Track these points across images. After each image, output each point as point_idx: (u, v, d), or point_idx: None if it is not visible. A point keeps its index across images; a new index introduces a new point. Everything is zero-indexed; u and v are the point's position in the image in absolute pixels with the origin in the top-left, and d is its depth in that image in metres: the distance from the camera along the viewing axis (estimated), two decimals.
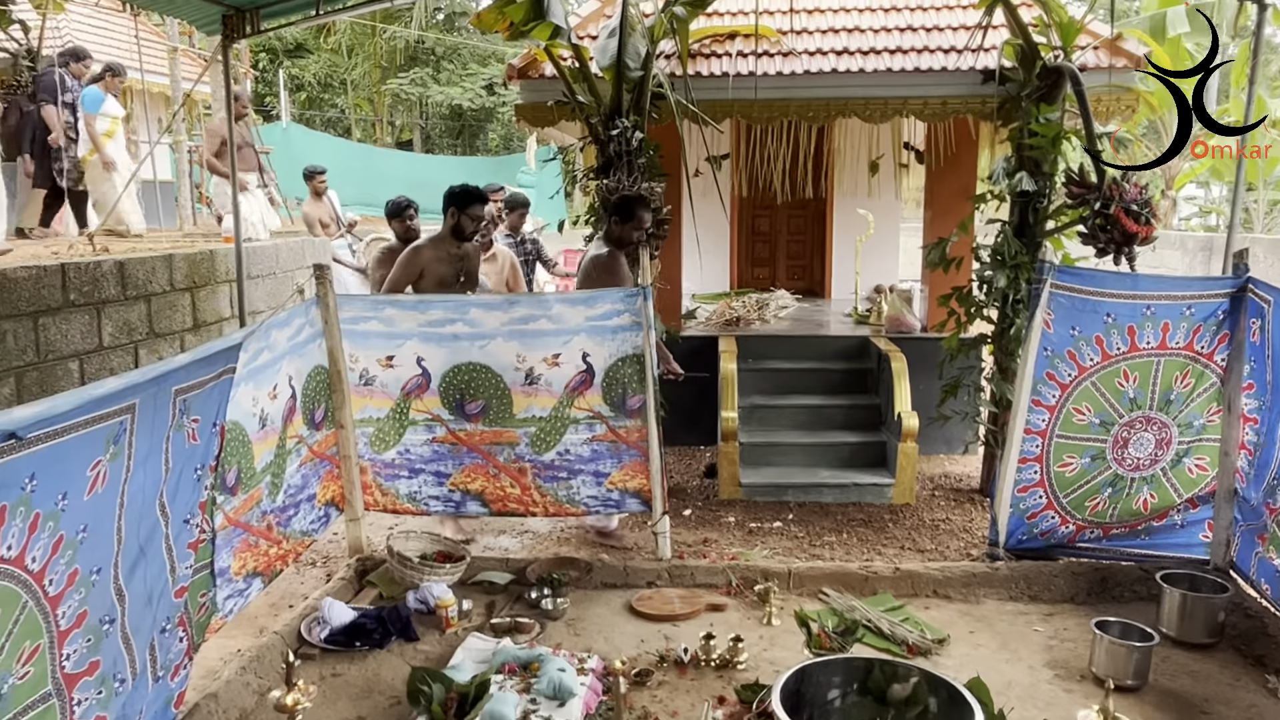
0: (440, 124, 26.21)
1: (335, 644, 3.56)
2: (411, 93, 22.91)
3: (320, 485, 4.25)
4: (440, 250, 4.85)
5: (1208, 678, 3.39)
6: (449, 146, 26.46)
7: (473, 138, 26.68)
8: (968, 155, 6.36)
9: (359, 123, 25.15)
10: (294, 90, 23.58)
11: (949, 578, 4.11)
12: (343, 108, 24.87)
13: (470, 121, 25.89)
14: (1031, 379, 4.16)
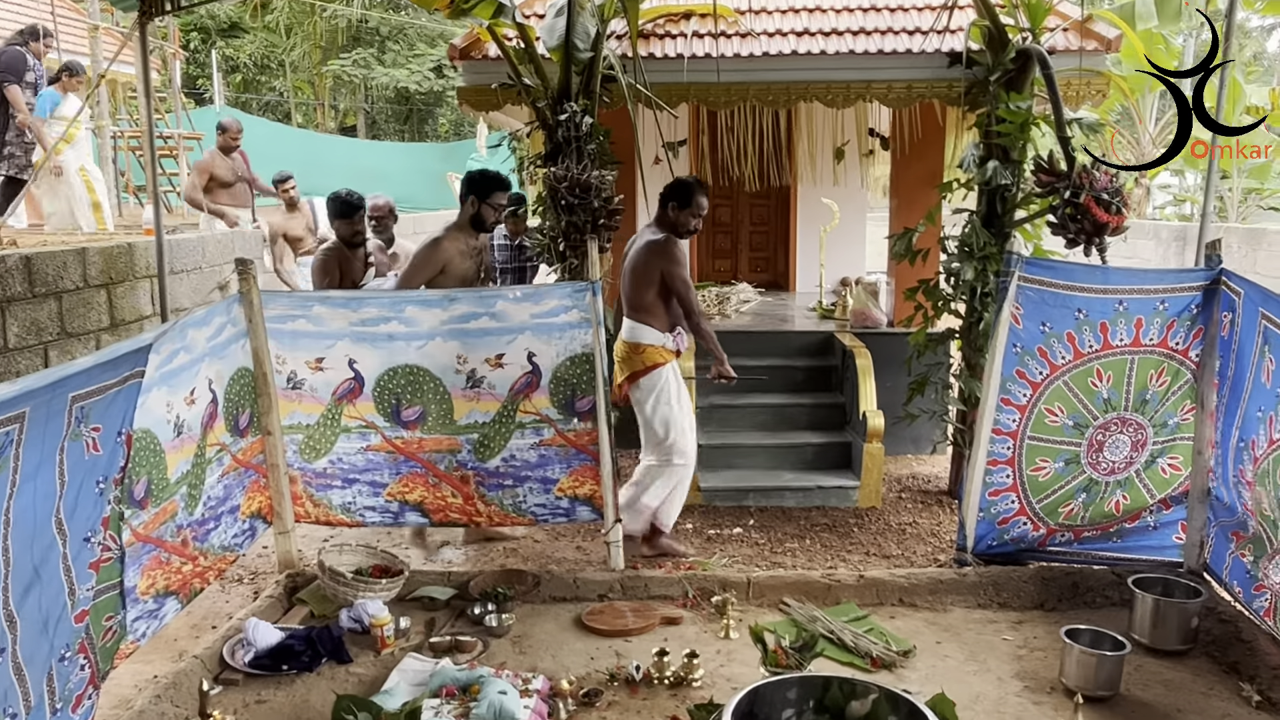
0: (386, 108, 25.89)
1: (260, 668, 3.46)
2: (354, 75, 22.59)
3: (245, 496, 4.14)
4: (460, 243, 4.66)
5: (1180, 686, 3.41)
6: (396, 132, 26.15)
7: (421, 122, 26.40)
8: (934, 142, 6.38)
9: (299, 107, 24.77)
10: (228, 72, 23.15)
11: (915, 585, 4.10)
12: (281, 91, 24.47)
13: (419, 105, 25.61)
14: (1000, 376, 4.16)
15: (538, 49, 5.16)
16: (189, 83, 21.38)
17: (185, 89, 17.64)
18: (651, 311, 4.60)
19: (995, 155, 5.07)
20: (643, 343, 4.60)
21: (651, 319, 4.60)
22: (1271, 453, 3.45)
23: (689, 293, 4.60)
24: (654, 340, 4.59)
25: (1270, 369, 3.51)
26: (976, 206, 5.29)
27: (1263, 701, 3.27)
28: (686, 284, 4.59)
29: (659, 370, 4.59)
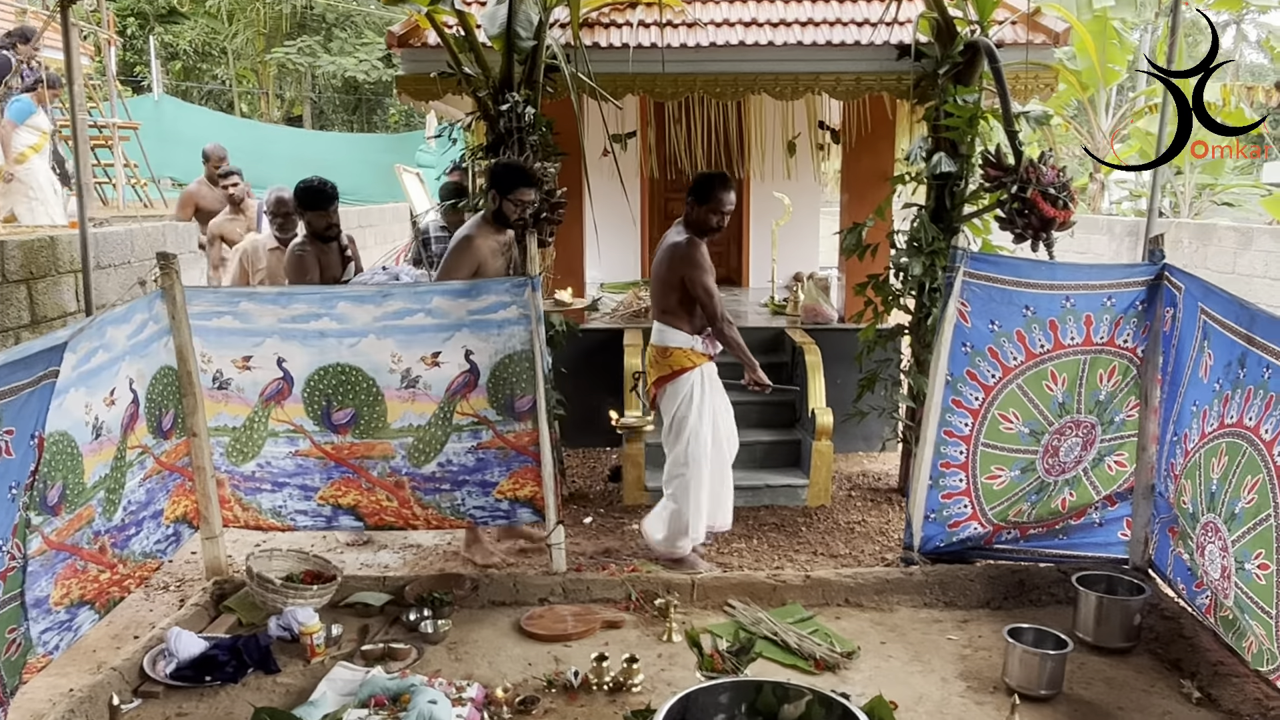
0: (334, 97, 25.57)
1: (182, 679, 3.38)
2: (300, 63, 22.26)
3: (169, 500, 4.05)
4: (490, 239, 4.48)
5: (1123, 684, 3.45)
6: (344, 122, 25.84)
7: (370, 113, 26.11)
8: (884, 135, 6.42)
9: (243, 95, 24.37)
10: (167, 59, 22.71)
11: (861, 585, 4.12)
12: (224, 79, 24.05)
13: (368, 95, 25.32)
14: (946, 374, 4.18)
15: (478, 37, 5.11)
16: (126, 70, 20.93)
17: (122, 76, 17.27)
18: (677, 314, 4.57)
19: (943, 149, 5.10)
20: (670, 345, 4.59)
21: (679, 321, 4.57)
22: (1203, 446, 3.51)
23: (711, 299, 4.51)
24: (681, 343, 4.58)
25: (1208, 363, 3.57)
26: (925, 201, 5.33)
27: (1203, 698, 3.33)
28: (708, 290, 4.51)
29: (685, 375, 4.58)
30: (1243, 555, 3.19)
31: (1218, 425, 3.44)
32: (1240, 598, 3.23)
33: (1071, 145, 17.51)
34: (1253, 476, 3.14)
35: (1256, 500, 3.12)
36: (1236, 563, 3.23)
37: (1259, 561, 3.09)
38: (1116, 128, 15.15)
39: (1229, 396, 3.37)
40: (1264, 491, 3.08)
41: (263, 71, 23.66)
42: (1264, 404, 3.14)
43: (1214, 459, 3.41)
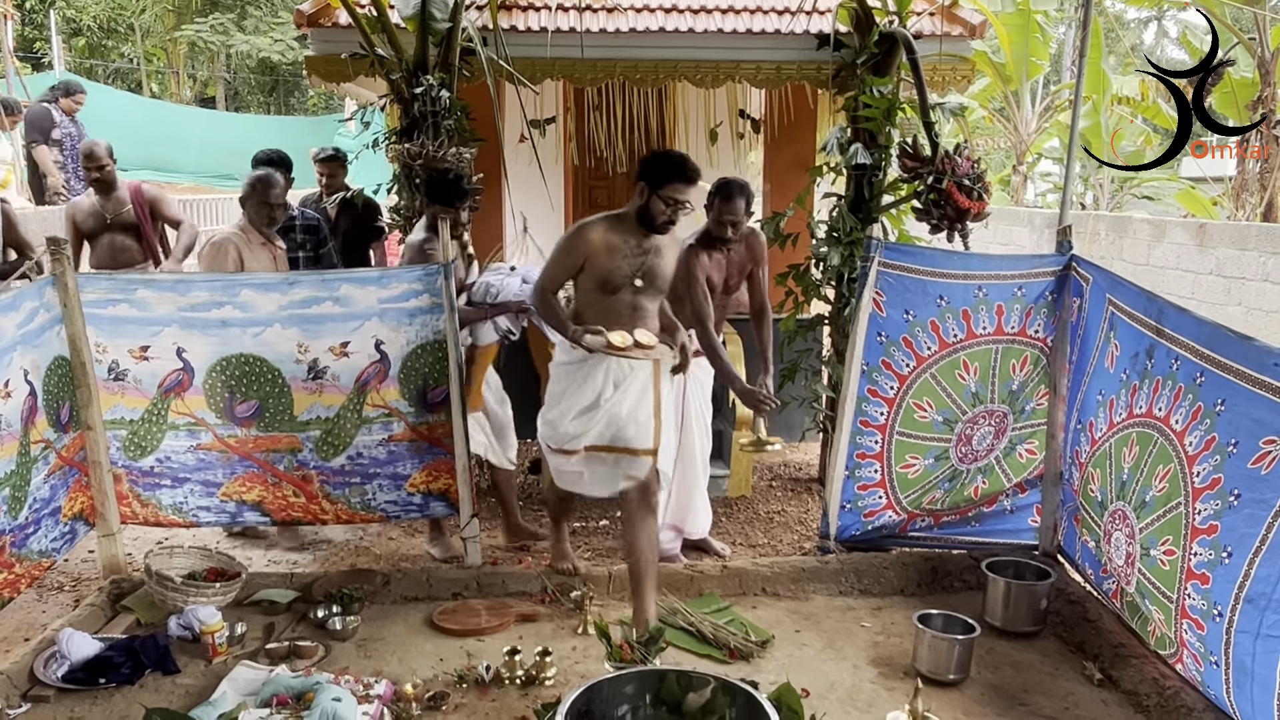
0: (249, 78, 24.96)
1: (75, 682, 3.30)
2: (212, 41, 21.67)
3: (68, 496, 3.95)
4: (617, 237, 3.70)
5: (1029, 667, 3.58)
6: (260, 104, 25.25)
7: (288, 94, 25.56)
8: (806, 126, 6.50)
9: (153, 75, 23.66)
10: (70, 35, 21.94)
11: (778, 574, 4.20)
12: (131, 57, 23.32)
13: (285, 76, 24.77)
14: (862, 363, 4.27)
15: (392, 18, 5.04)
16: (25, 46, 20.15)
17: (20, 53, 16.63)
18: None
19: (861, 139, 5.19)
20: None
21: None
22: (1113, 435, 3.64)
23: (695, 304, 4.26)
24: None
25: (1114, 354, 3.70)
26: (845, 191, 5.41)
27: (1104, 679, 3.47)
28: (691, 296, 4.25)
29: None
30: (1149, 542, 3.32)
31: (1126, 415, 3.57)
32: (1143, 583, 3.36)
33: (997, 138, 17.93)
34: (1164, 466, 3.25)
35: (1167, 489, 3.22)
36: (1143, 549, 3.36)
37: (1165, 548, 3.22)
38: (1041, 121, 15.55)
39: (1137, 387, 3.50)
40: (1175, 480, 3.19)
41: (173, 50, 22.99)
42: (1173, 395, 3.26)
43: (1125, 448, 3.54)
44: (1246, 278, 8.59)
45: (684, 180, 3.69)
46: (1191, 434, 3.14)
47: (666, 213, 3.67)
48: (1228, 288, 8.79)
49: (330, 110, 22.69)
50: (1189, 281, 9.25)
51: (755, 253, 4.49)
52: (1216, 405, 3.03)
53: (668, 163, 3.73)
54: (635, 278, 3.73)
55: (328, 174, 6.04)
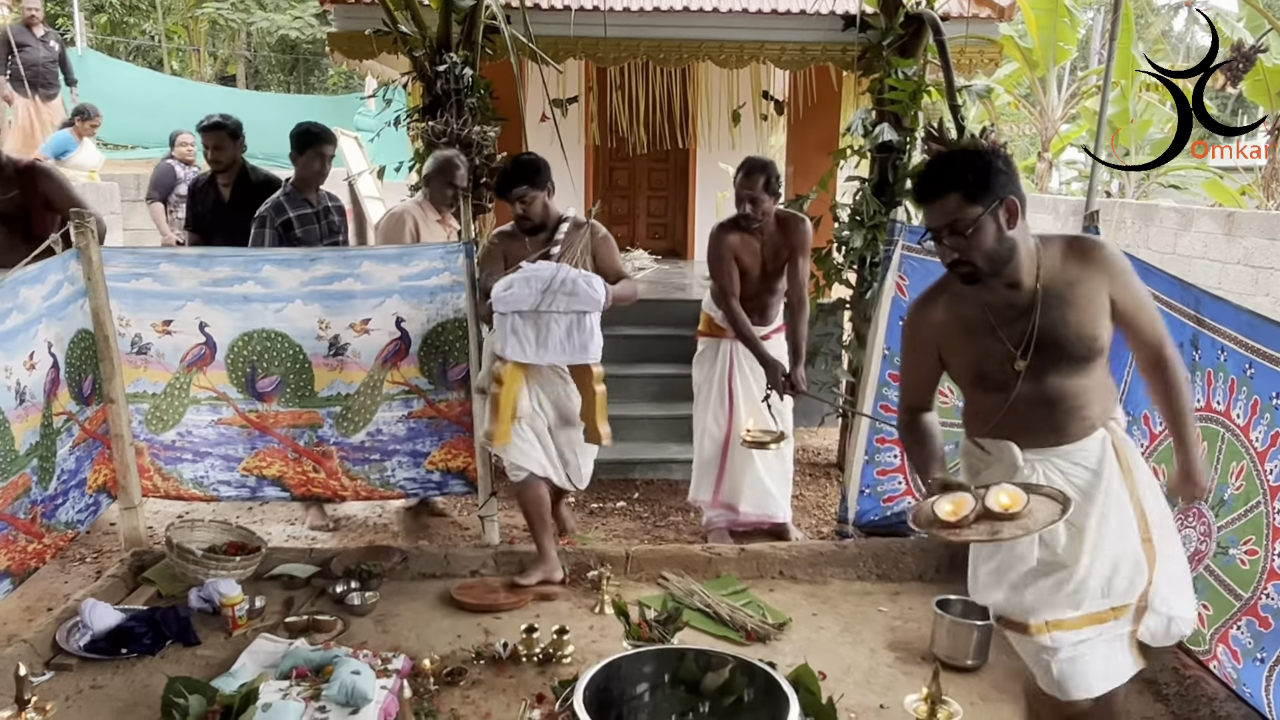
0: (270, 57, 24.99)
1: (97, 652, 3.35)
2: (233, 19, 21.72)
3: (92, 469, 4.00)
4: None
5: None
6: (280, 83, 25.28)
7: (308, 73, 25.58)
8: (830, 108, 6.47)
9: (174, 53, 23.72)
10: (92, 12, 22.01)
11: (795, 558, 4.20)
12: (153, 34, 23.38)
13: (305, 55, 24.79)
14: (883, 348, 4.26)
15: None
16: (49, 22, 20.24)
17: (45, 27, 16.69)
18: None
19: (886, 122, 5.17)
20: (704, 309, 4.60)
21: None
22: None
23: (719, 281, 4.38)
24: (705, 305, 4.60)
25: None
26: (869, 174, 5.39)
27: None
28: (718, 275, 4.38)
29: (707, 339, 4.55)
30: (1228, 541, 3.16)
31: None
32: (1201, 580, 3.19)
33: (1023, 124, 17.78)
34: (1237, 463, 3.11)
35: (1245, 487, 3.08)
36: (1220, 548, 3.23)
37: (1247, 547, 3.08)
38: (1068, 107, 15.39)
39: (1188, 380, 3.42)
40: (1250, 477, 3.05)
41: (194, 27, 23.06)
42: (1228, 387, 3.14)
43: None
44: (1275, 268, 8.50)
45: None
46: (1255, 429, 3.01)
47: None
48: (1256, 278, 8.69)
49: (350, 89, 22.69)
50: (1216, 271, 9.16)
51: (793, 239, 4.37)
52: (1272, 399, 2.94)
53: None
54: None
55: (213, 145, 4.86)
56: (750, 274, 4.38)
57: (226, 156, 4.84)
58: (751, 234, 4.36)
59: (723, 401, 4.51)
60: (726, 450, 4.54)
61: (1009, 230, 2.21)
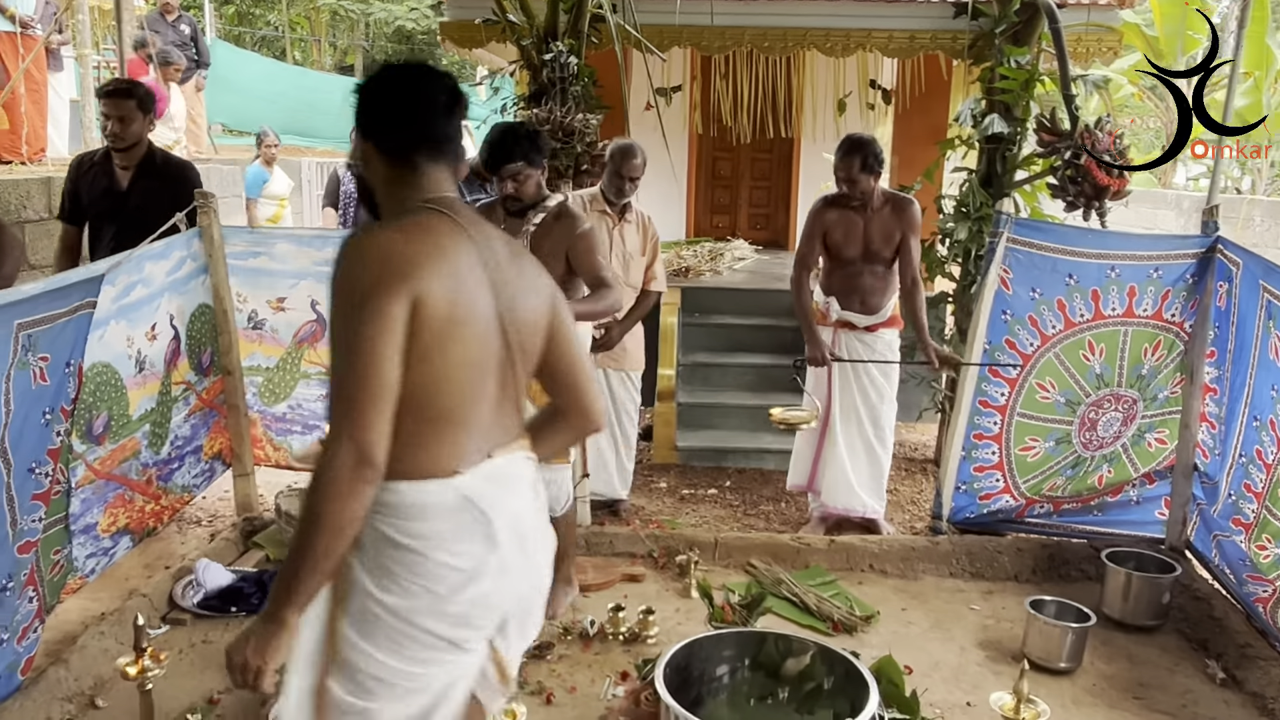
0: (386, 47, 25.67)
1: (209, 609, 3.54)
2: (352, 10, 22.40)
3: (208, 437, 4.21)
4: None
5: (1146, 661, 3.47)
6: None
7: None
8: (938, 98, 6.35)
9: (296, 43, 24.58)
10: (222, 3, 22.96)
11: (886, 551, 4.16)
12: (277, 25, 24.28)
13: (420, 45, 25.38)
14: (984, 341, 4.18)
15: None
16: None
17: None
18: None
19: (997, 112, 5.05)
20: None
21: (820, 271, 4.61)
22: None
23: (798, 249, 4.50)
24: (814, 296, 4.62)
25: (1277, 345, 3.49)
26: (976, 165, 5.28)
27: (1227, 679, 3.34)
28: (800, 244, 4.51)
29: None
30: None
31: None
32: None
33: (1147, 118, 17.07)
34: None
35: None
36: None
37: None
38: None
39: None
40: None
41: (315, 18, 23.86)
42: None
43: None
44: None
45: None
46: None
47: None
48: None
49: (462, 79, 23.12)
50: None
51: (904, 221, 4.35)
52: None
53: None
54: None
55: (117, 116, 3.96)
56: (846, 253, 4.37)
57: (131, 132, 3.96)
58: (855, 212, 4.33)
59: (822, 392, 4.51)
60: (823, 438, 4.54)
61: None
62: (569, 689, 3.15)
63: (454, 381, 1.68)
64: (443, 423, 1.68)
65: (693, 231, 8.73)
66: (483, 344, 1.71)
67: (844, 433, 4.54)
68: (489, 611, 1.74)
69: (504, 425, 1.79)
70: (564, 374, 1.86)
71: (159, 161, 4.13)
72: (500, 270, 1.75)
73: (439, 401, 1.67)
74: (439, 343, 1.64)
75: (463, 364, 1.68)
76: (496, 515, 1.71)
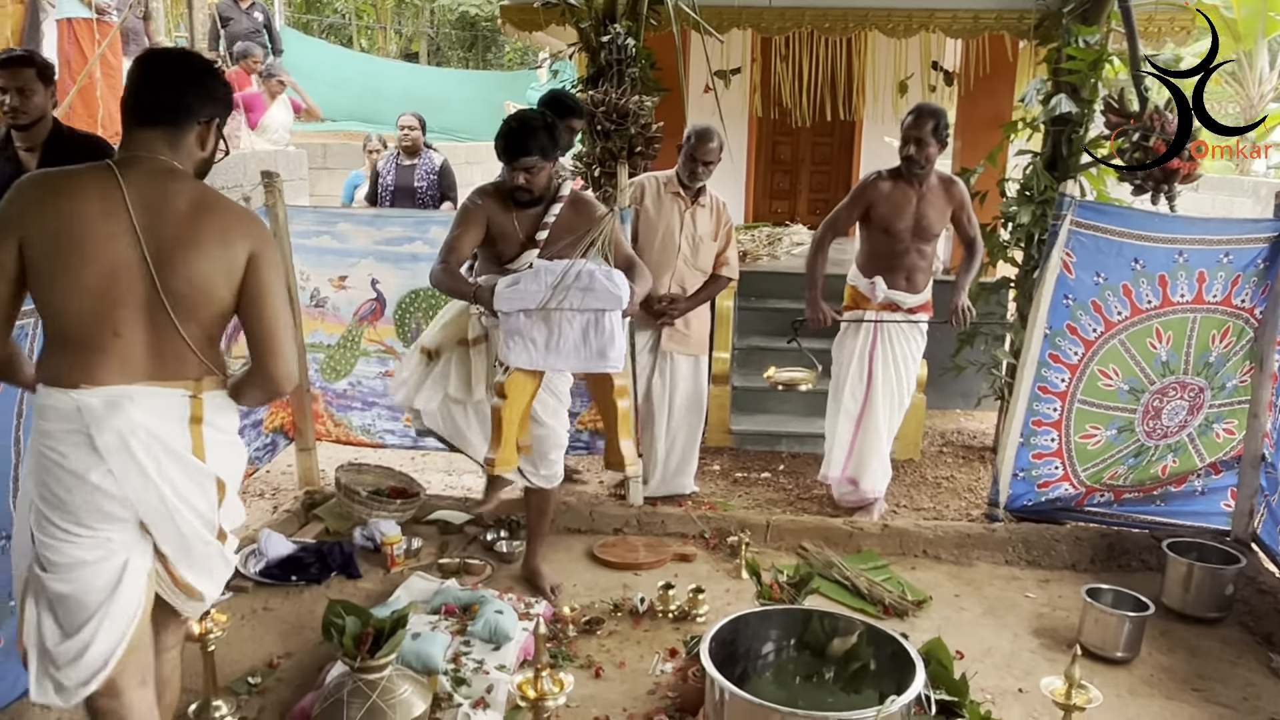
0: (451, 34, 25.92)
1: (270, 577, 3.65)
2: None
3: (269, 411, 4.32)
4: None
5: (1207, 653, 3.40)
6: (460, 59, 26.18)
7: (486, 50, 26.39)
8: (1003, 79, 6.21)
9: (363, 30, 24.92)
10: None
11: (940, 537, 4.13)
12: (344, 13, 24.63)
13: (484, 32, 25.58)
14: (1045, 326, 4.11)
15: None
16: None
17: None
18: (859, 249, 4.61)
19: (1064, 93, 4.94)
20: (848, 283, 4.64)
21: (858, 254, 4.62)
22: None
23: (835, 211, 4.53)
24: (849, 278, 4.63)
25: None
26: (1041, 148, 5.18)
27: None
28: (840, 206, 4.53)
29: (851, 313, 4.54)
30: None
31: None
32: None
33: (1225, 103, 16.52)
34: None
35: None
36: None
37: None
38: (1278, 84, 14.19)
39: None
40: None
41: (381, 6, 24.15)
42: None
43: None
44: None
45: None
46: None
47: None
48: None
49: (525, 65, 23.29)
50: None
51: (954, 197, 4.40)
52: None
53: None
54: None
55: (15, 89, 3.50)
56: (895, 226, 4.34)
57: (34, 105, 3.52)
58: (910, 186, 4.30)
59: (862, 377, 4.49)
60: (859, 427, 4.52)
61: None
62: (618, 664, 3.18)
63: (70, 308, 1.97)
64: (68, 341, 1.99)
65: (751, 216, 8.67)
66: (106, 279, 1.96)
67: (887, 419, 4.54)
68: (96, 508, 1.98)
69: (149, 358, 2.02)
70: (254, 339, 2.12)
71: (66, 137, 3.63)
72: (158, 221, 1.99)
73: (60, 322, 1.99)
74: (50, 272, 1.95)
75: (77, 292, 1.95)
76: (103, 431, 1.95)
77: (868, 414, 4.49)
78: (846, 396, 4.53)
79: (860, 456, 4.53)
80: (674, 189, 4.45)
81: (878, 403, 4.47)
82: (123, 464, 1.97)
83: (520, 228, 3.36)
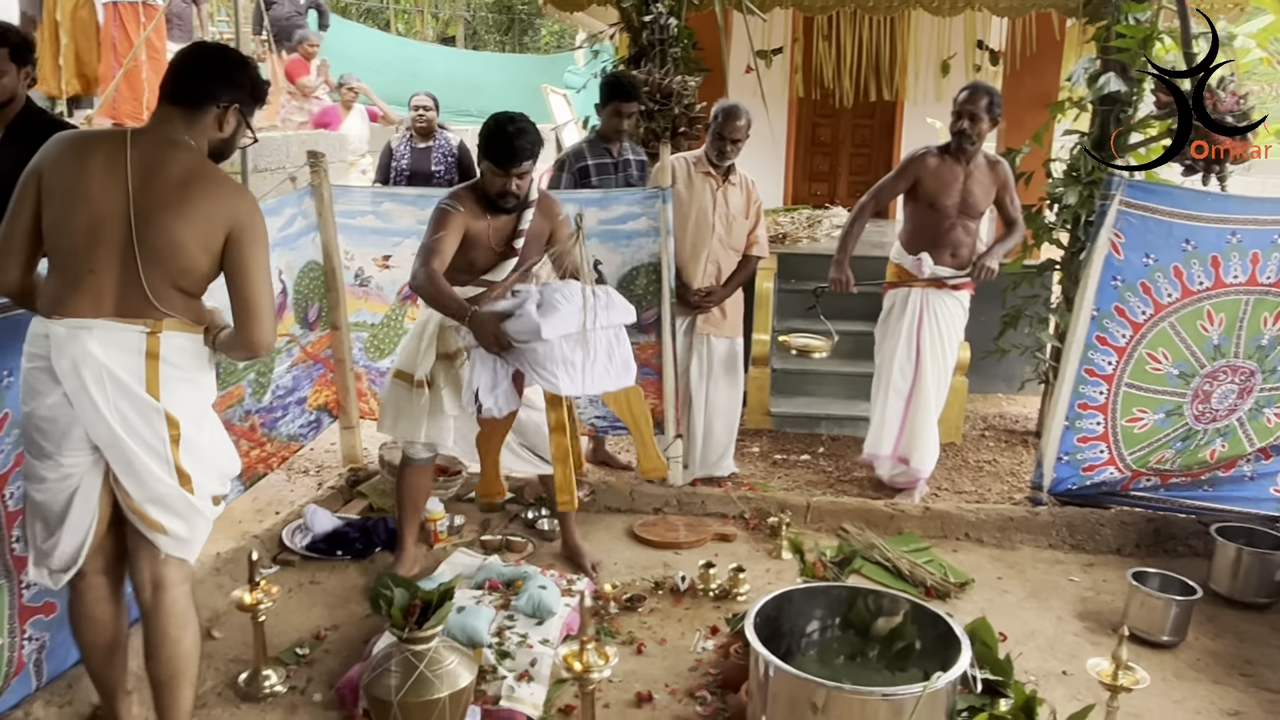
0: (487, 17, 25.95)
1: (316, 552, 3.71)
2: None
3: (312, 389, 4.37)
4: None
5: (1255, 639, 3.36)
6: (496, 43, 26.22)
7: (522, 33, 26.40)
8: (1050, 59, 6.13)
9: (400, 14, 25.02)
10: None
11: (983, 520, 4.10)
12: None
13: (520, 15, 25.59)
14: (1092, 308, 4.05)
15: None
16: None
17: None
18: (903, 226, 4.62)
19: (1113, 71, 4.86)
20: (891, 260, 4.66)
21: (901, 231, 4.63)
22: None
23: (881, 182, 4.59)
24: (893, 256, 4.65)
25: None
26: (1089, 128, 5.11)
27: None
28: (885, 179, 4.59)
29: (894, 292, 4.56)
30: None
31: None
32: None
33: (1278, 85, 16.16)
34: None
35: None
36: None
37: None
38: None
39: None
40: None
41: None
42: None
43: None
44: None
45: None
46: None
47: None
48: None
49: (561, 49, 23.27)
50: None
51: (999, 176, 4.44)
52: None
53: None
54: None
55: None
56: (942, 201, 4.34)
57: (3, 86, 3.28)
58: (957, 162, 4.30)
59: (910, 354, 4.47)
60: (909, 405, 4.50)
61: None
62: (659, 641, 3.20)
63: (62, 245, 2.24)
64: (55, 275, 2.26)
65: (790, 199, 8.63)
66: (93, 222, 2.21)
67: (936, 396, 4.54)
68: (59, 430, 2.22)
69: (117, 298, 2.23)
70: (235, 305, 2.32)
71: (34, 119, 3.35)
72: (149, 182, 2.22)
73: (55, 259, 2.26)
74: (53, 211, 2.22)
75: (69, 232, 2.21)
76: (61, 357, 2.18)
77: (917, 391, 4.49)
78: (895, 374, 4.51)
79: (911, 434, 4.53)
80: (704, 169, 4.44)
81: (927, 380, 4.47)
82: (75, 389, 2.18)
83: (492, 235, 3.30)
